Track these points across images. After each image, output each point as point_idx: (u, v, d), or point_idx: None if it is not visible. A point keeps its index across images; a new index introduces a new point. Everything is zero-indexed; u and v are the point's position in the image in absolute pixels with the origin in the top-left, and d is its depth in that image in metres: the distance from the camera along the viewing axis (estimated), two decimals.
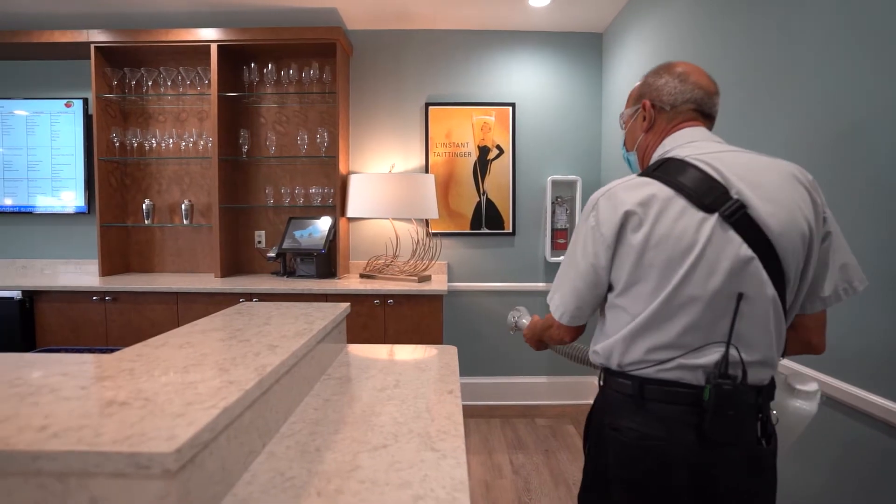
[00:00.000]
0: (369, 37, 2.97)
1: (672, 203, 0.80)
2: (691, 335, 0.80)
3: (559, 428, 2.78)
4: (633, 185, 0.85)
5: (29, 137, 3.01)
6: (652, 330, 0.82)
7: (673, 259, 0.79)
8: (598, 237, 0.85)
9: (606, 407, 0.90)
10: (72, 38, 2.72)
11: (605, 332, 0.91)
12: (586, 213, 0.89)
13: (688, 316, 0.80)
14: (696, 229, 0.78)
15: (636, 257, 0.82)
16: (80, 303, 2.54)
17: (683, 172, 0.82)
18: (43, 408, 0.65)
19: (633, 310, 0.84)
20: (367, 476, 0.73)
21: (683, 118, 0.93)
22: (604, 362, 0.91)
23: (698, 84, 0.93)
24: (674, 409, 0.81)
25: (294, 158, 2.96)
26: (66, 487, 0.55)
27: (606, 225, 0.84)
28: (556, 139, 3.02)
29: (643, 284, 0.82)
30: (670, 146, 0.90)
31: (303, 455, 0.80)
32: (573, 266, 0.91)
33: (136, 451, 0.54)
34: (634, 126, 1.00)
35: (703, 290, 0.78)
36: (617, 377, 0.88)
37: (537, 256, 3.06)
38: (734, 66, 1.66)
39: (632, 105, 1.01)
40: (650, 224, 0.80)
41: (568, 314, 0.95)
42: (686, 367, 0.81)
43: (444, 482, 0.71)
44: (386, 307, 2.48)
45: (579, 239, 0.90)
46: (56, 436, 0.57)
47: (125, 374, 0.79)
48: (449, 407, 0.99)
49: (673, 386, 0.81)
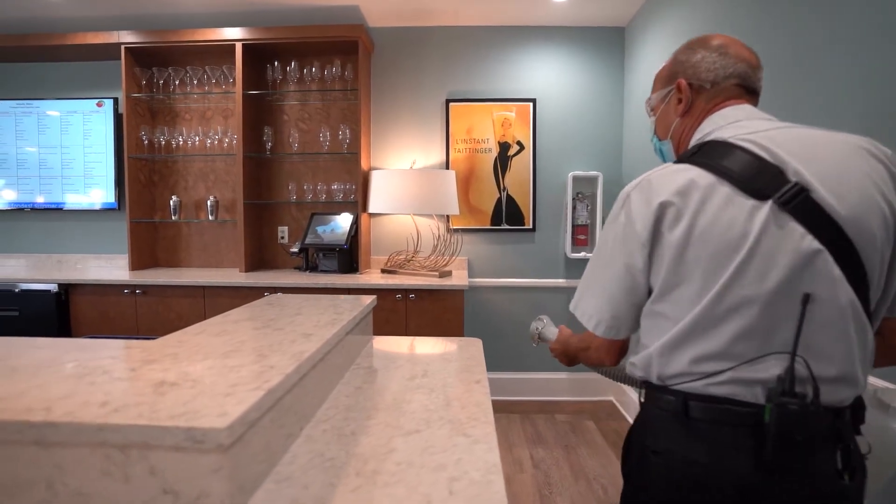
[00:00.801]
0: (390, 34, 3.00)
1: (715, 190, 0.69)
2: (745, 343, 0.69)
3: (578, 423, 2.78)
4: (668, 172, 0.75)
5: (63, 136, 3.11)
6: (696, 337, 0.71)
7: (719, 255, 0.69)
8: (632, 235, 0.75)
9: (647, 426, 0.79)
10: (103, 39, 2.81)
11: (644, 343, 0.80)
12: (617, 208, 0.79)
13: (740, 320, 0.68)
14: (746, 219, 0.68)
15: (676, 255, 0.71)
16: (112, 296, 2.62)
17: (727, 155, 0.72)
18: (100, 387, 0.69)
19: (675, 315, 0.73)
20: (403, 458, 0.76)
21: (726, 96, 0.82)
22: (643, 375, 0.80)
23: (740, 56, 0.82)
24: (725, 430, 0.69)
25: (316, 155, 3.00)
26: (127, 458, 0.58)
27: (640, 220, 0.74)
28: (578, 135, 3.01)
29: (686, 286, 0.72)
30: (710, 128, 0.80)
31: (339, 438, 0.83)
32: (604, 268, 0.81)
33: (192, 426, 0.57)
34: (667, 111, 0.90)
35: (757, 291, 0.67)
36: (659, 392, 0.77)
37: (558, 253, 3.05)
38: (765, 62, 1.64)
39: (661, 87, 0.91)
40: (690, 216, 0.70)
41: (604, 324, 0.82)
42: (741, 381, 0.69)
43: (478, 465, 0.73)
44: (407, 301, 2.51)
45: (609, 238, 0.80)
46: (117, 411, 0.60)
47: (170, 359, 0.83)
48: (477, 396, 1.01)
49: (724, 403, 0.70)
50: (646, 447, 0.77)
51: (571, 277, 3.05)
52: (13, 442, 0.59)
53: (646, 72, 2.62)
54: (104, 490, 0.59)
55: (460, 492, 0.66)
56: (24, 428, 0.58)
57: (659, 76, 0.93)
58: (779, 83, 1.54)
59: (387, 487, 0.68)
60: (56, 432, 0.58)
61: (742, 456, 0.68)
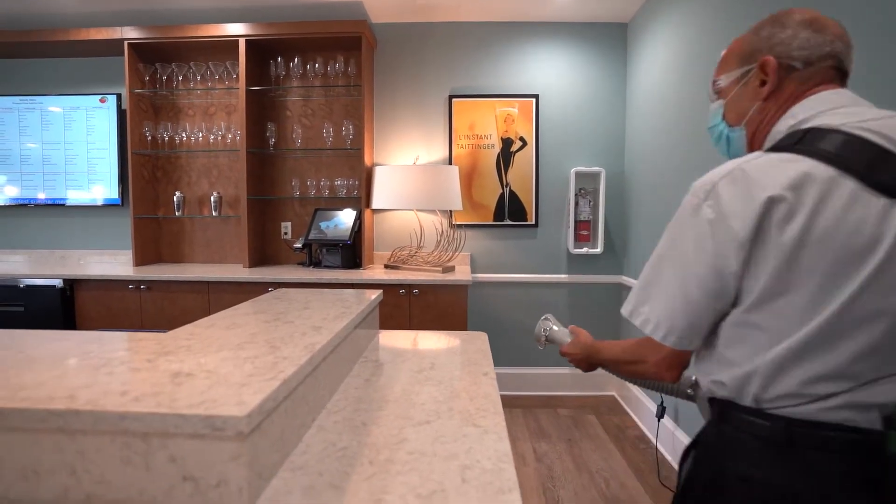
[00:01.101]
0: (393, 29, 3.00)
1: (836, 185, 0.61)
2: (865, 362, 0.61)
3: (581, 418, 2.80)
4: (770, 162, 0.66)
5: (66, 132, 3.11)
6: (811, 355, 0.63)
7: (844, 261, 0.60)
8: (725, 233, 0.66)
9: (731, 450, 0.70)
10: (107, 35, 2.81)
11: (731, 359, 0.70)
12: (695, 202, 0.70)
13: (864, 337, 0.61)
14: (878, 220, 0.60)
15: (785, 259, 0.63)
16: (117, 291, 2.64)
17: (845, 145, 0.63)
18: (118, 377, 0.70)
19: (776, 328, 0.65)
20: (415, 448, 0.77)
21: (820, 79, 0.73)
22: (731, 396, 0.70)
23: (836, 33, 0.73)
24: (837, 460, 0.62)
25: (319, 151, 3.01)
26: (148, 447, 0.60)
27: (738, 216, 0.65)
28: (580, 131, 3.02)
29: (795, 295, 0.63)
30: (806, 115, 0.71)
31: (351, 429, 0.84)
32: (679, 269, 0.71)
33: (212, 414, 0.58)
34: (743, 93, 0.79)
35: (890, 303, 0.60)
36: (748, 415, 0.68)
37: (560, 248, 3.07)
38: None
39: (737, 66, 0.80)
40: (807, 215, 0.61)
41: (676, 333, 0.72)
42: (856, 405, 0.62)
43: (489, 454, 0.75)
44: (411, 297, 2.52)
45: (688, 234, 0.70)
46: (137, 400, 0.62)
47: (184, 350, 0.84)
48: (486, 388, 1.03)
49: (835, 430, 0.62)
50: (727, 473, 0.69)
51: (573, 273, 3.06)
52: (37, 429, 0.60)
53: (649, 67, 2.63)
54: (125, 477, 0.60)
55: (473, 479, 0.68)
56: (48, 416, 0.59)
57: (731, 54, 0.82)
58: None
59: (400, 475, 0.69)
60: (79, 420, 0.59)
61: (858, 490, 0.61)
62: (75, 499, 0.61)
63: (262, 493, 0.64)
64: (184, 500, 0.60)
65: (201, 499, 0.60)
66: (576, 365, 1.05)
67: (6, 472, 0.61)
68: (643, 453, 2.40)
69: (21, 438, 0.60)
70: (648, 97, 2.64)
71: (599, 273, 3.06)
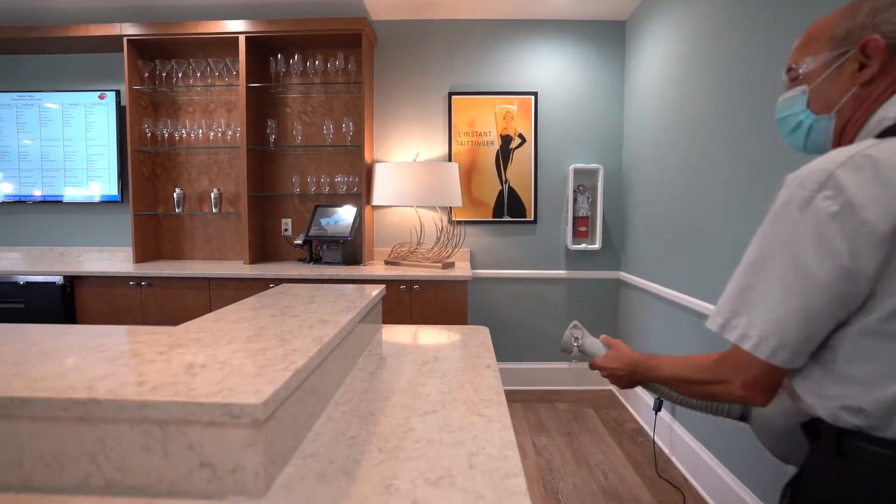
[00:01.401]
0: (393, 27, 3.01)
1: None
2: None
3: (579, 412, 2.83)
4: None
5: (65, 129, 3.11)
6: None
7: None
8: (857, 228, 0.57)
9: (861, 494, 0.60)
10: (106, 31, 2.81)
11: (861, 378, 0.59)
12: (803, 194, 0.61)
13: None
14: None
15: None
16: (118, 287, 2.65)
17: None
18: (134, 368, 0.72)
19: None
20: (422, 436, 0.79)
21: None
22: (872, 425, 0.59)
23: None
24: None
25: (320, 148, 3.02)
26: (166, 434, 0.62)
27: (873, 207, 0.56)
28: (579, 128, 3.04)
29: None
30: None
31: (359, 419, 0.86)
32: (793, 272, 0.61)
33: (230, 402, 0.60)
34: (834, 79, 0.71)
35: None
36: (885, 448, 0.58)
37: (559, 244, 3.09)
38: (768, 59, 1.67)
39: (827, 49, 0.72)
40: None
41: (789, 348, 0.62)
42: None
43: (494, 442, 0.77)
44: (411, 293, 2.54)
45: (800, 232, 0.61)
46: (155, 389, 0.63)
47: (195, 343, 0.86)
48: (489, 380, 1.05)
49: None
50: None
51: (572, 269, 3.09)
52: (59, 418, 0.62)
53: (647, 65, 2.65)
54: (144, 463, 0.62)
55: (479, 465, 0.70)
56: (70, 405, 0.61)
57: (816, 37, 0.74)
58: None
59: (409, 462, 0.71)
60: (100, 409, 0.61)
61: None
62: (96, 485, 0.63)
63: (277, 478, 0.67)
64: (201, 485, 0.62)
65: (218, 484, 0.62)
66: (613, 380, 0.94)
67: (28, 460, 0.63)
68: (641, 446, 2.43)
69: (43, 427, 0.62)
70: (646, 95, 2.66)
71: (598, 269, 3.09)
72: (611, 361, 0.96)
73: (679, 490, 2.05)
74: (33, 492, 0.62)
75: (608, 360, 0.96)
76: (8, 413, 0.62)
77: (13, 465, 0.63)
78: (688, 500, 1.98)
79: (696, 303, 2.06)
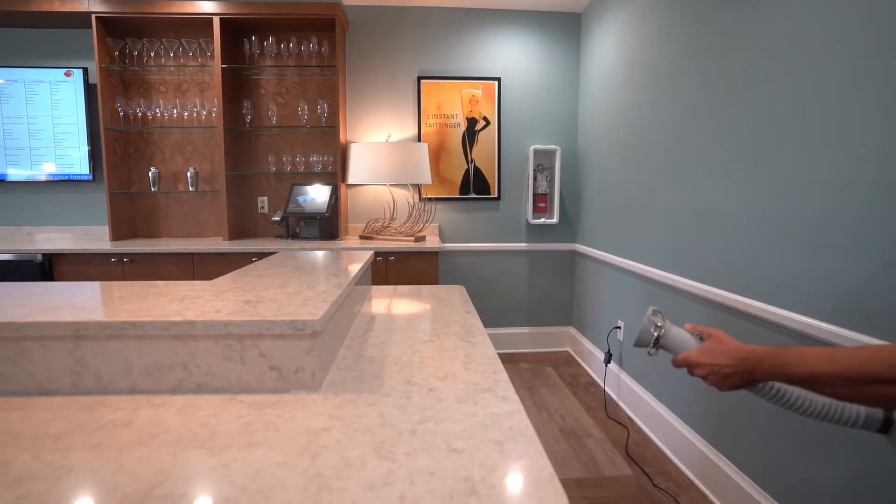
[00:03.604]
0: (365, 12, 3.14)
1: None
2: None
3: (540, 370, 3.15)
4: None
5: (29, 106, 3.08)
6: None
7: None
8: None
9: None
10: (72, 7, 2.80)
11: None
12: None
13: None
14: None
15: None
16: (98, 265, 2.71)
17: None
18: (204, 303, 0.91)
19: None
20: (426, 355, 1.03)
21: None
22: None
23: None
24: None
25: (295, 128, 3.14)
26: (243, 346, 0.82)
27: None
28: (538, 111, 3.29)
29: None
30: None
31: (373, 347, 1.09)
32: None
33: (295, 318, 0.82)
34: None
35: None
36: None
37: (520, 219, 3.37)
38: (718, 53, 1.96)
39: None
40: None
41: None
42: None
43: (480, 356, 1.02)
44: (387, 263, 2.75)
45: None
46: (231, 314, 0.84)
47: (237, 290, 1.06)
48: (471, 318, 1.30)
49: None
50: None
51: (532, 241, 3.38)
52: (159, 336, 0.81)
53: (600, 54, 2.92)
54: (227, 370, 0.83)
55: (473, 368, 0.95)
56: (169, 326, 0.81)
57: None
58: (751, 68, 1.87)
59: (420, 368, 0.95)
60: (193, 328, 0.81)
61: None
62: (188, 388, 0.83)
63: (325, 379, 0.89)
64: (271, 384, 0.84)
65: (284, 382, 0.84)
66: (714, 381, 0.74)
67: (136, 370, 0.82)
68: (593, 395, 2.78)
69: (147, 344, 0.82)
70: (599, 82, 2.94)
71: (555, 241, 3.40)
72: (712, 356, 0.74)
73: (624, 427, 2.40)
74: (140, 394, 0.82)
75: (708, 355, 0.75)
76: (119, 334, 0.81)
77: (124, 374, 0.82)
78: (631, 433, 2.33)
79: (641, 267, 2.39)
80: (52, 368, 0.81)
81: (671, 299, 2.11)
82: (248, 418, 0.73)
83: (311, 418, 0.73)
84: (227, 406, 0.78)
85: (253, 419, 0.73)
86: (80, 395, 0.81)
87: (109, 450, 0.64)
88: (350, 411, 0.76)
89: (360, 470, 0.60)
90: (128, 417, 0.74)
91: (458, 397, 0.81)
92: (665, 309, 2.16)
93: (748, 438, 1.64)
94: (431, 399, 0.81)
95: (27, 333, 0.80)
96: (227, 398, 0.81)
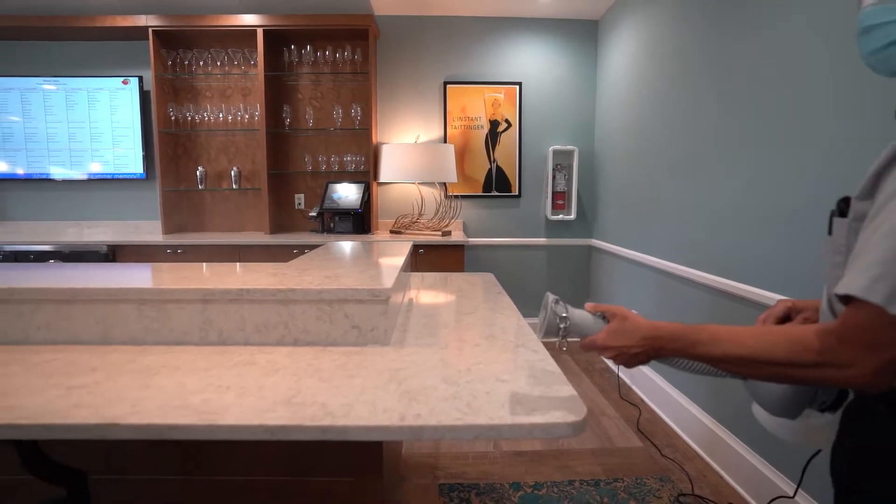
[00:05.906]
0: (395, 22, 3.37)
1: None
2: None
3: (557, 357, 3.35)
4: None
5: (91, 112, 3.38)
6: None
7: None
8: None
9: None
10: (132, 22, 3.08)
11: None
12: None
13: None
14: None
15: None
16: (154, 255, 3.00)
17: None
18: (291, 279, 1.15)
19: None
20: (470, 322, 1.25)
21: None
22: None
23: None
24: None
25: (329, 130, 3.39)
26: (332, 309, 1.06)
27: None
28: (557, 114, 3.49)
29: None
30: None
31: (423, 317, 1.32)
32: None
33: (372, 287, 1.04)
34: None
35: None
36: None
37: (539, 215, 3.57)
38: (734, 57, 2.15)
39: None
40: None
41: None
42: None
43: (512, 325, 1.24)
44: (417, 256, 2.98)
45: None
46: (321, 284, 1.07)
47: (315, 269, 1.29)
48: (502, 298, 1.52)
49: None
50: None
51: (551, 237, 3.58)
52: (267, 301, 1.05)
53: (616, 59, 3.11)
54: (318, 327, 1.06)
55: (508, 331, 1.17)
56: (276, 292, 1.04)
57: None
58: (754, 76, 2.05)
59: (467, 330, 1.17)
60: (294, 294, 1.04)
61: None
62: (288, 342, 1.07)
63: (392, 336, 1.11)
64: (353, 339, 1.07)
65: (362, 338, 1.07)
66: (622, 361, 0.75)
67: (248, 326, 1.06)
68: (608, 379, 2.98)
69: (256, 307, 1.05)
70: (615, 86, 3.13)
71: (572, 237, 3.60)
72: (619, 338, 0.74)
73: (636, 406, 2.59)
74: (252, 346, 1.06)
75: (615, 337, 0.75)
76: (237, 298, 1.05)
77: (238, 330, 1.06)
78: (643, 412, 2.52)
79: (653, 260, 2.58)
80: (186, 324, 1.05)
81: (680, 289, 2.30)
82: (340, 361, 0.97)
83: (389, 362, 0.96)
84: (322, 354, 1.01)
85: (345, 362, 0.96)
86: (206, 345, 1.05)
87: (247, 377, 0.88)
88: (419, 357, 0.99)
89: (434, 391, 0.82)
90: (250, 359, 0.97)
91: (500, 349, 1.04)
92: (673, 297, 2.35)
93: (752, 415, 1.82)
94: (480, 350, 1.03)
95: (168, 297, 1.04)
96: (319, 349, 1.04)
